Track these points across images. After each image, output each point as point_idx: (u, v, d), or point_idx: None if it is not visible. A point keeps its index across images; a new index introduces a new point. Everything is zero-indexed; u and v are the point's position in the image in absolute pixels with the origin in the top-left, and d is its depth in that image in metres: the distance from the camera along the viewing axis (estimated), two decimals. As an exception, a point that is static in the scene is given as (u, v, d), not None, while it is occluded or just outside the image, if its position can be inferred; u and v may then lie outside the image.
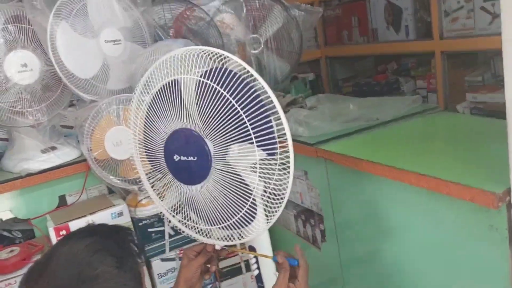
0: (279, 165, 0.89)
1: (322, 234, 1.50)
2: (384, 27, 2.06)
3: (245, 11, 1.57)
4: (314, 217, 1.53)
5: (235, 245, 1.09)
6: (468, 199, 0.92)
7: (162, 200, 1.11)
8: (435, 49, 1.68)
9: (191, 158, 0.95)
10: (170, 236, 1.53)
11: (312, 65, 2.48)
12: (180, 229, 1.09)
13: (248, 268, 1.68)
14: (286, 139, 0.87)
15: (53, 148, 1.53)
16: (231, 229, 1.00)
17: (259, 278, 1.11)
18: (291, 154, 0.87)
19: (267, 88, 0.86)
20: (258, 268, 1.10)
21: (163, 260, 1.53)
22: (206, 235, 1.06)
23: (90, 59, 1.45)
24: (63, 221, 1.40)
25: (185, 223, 1.07)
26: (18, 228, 1.56)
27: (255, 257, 1.09)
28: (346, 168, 1.25)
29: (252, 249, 1.08)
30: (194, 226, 1.06)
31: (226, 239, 1.04)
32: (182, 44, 1.41)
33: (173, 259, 1.54)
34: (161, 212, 1.11)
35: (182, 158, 0.96)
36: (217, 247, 1.09)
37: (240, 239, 1.01)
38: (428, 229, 1.10)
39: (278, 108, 0.86)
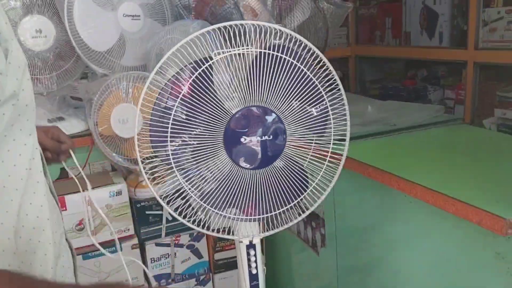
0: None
1: (322, 239, 1.44)
2: (418, 31, 1.98)
3: (271, -1, 1.50)
4: (316, 220, 1.46)
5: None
6: (475, 221, 0.84)
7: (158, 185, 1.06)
8: (468, 59, 1.60)
9: (265, 138, 0.90)
10: (168, 221, 1.50)
11: (340, 63, 2.40)
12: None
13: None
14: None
15: (60, 119, 1.50)
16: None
17: (254, 277, 1.06)
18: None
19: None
20: (257, 267, 1.06)
21: (157, 244, 1.50)
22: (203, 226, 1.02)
23: (106, 32, 1.41)
24: (60, 193, 1.37)
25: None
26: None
27: (255, 255, 1.06)
28: (352, 172, 1.18)
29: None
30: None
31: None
32: (200, 25, 1.36)
33: (167, 245, 1.51)
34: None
35: (254, 139, 0.89)
36: None
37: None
38: (432, 247, 1.04)
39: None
